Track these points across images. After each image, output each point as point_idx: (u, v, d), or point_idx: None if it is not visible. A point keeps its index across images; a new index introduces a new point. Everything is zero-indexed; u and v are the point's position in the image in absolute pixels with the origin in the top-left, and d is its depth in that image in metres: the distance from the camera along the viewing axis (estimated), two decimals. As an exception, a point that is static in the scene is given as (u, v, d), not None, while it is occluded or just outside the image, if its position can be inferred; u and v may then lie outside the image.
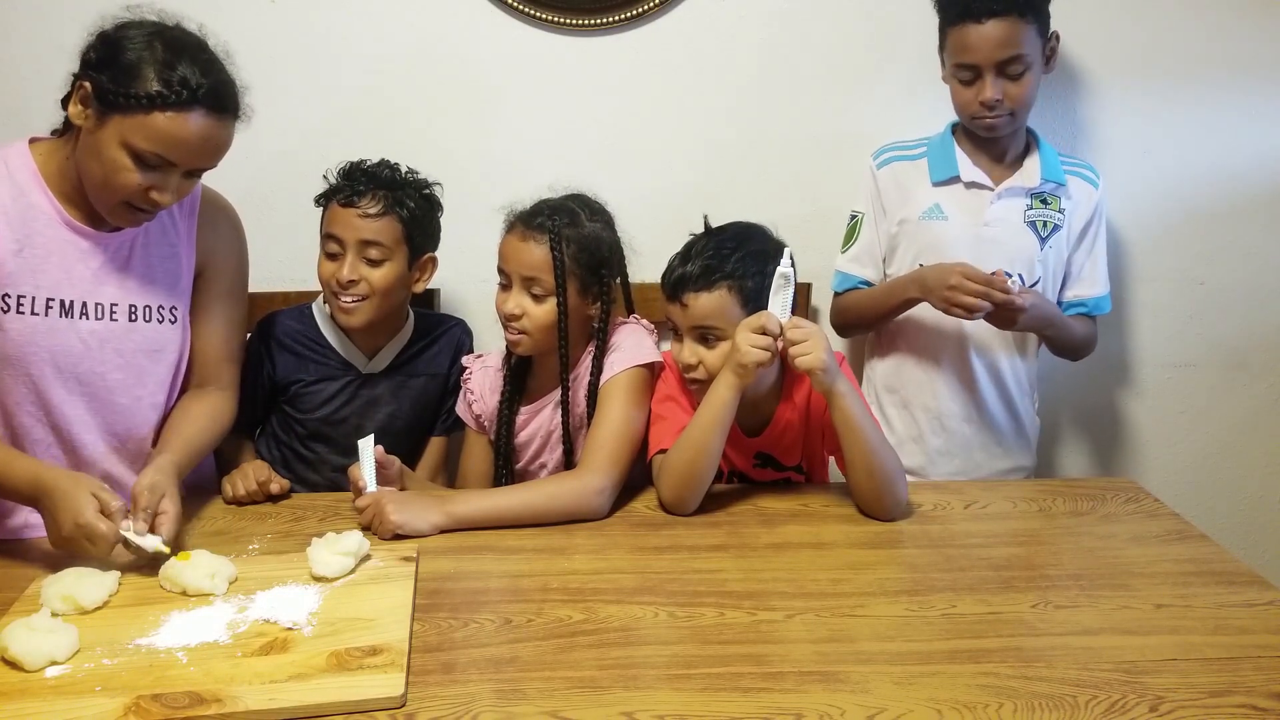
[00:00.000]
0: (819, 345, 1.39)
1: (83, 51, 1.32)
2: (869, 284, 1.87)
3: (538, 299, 1.54)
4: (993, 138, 1.77)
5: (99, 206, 1.35)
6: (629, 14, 1.96)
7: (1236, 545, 1.49)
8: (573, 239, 1.53)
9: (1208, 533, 1.43)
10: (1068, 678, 1.05)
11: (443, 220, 1.73)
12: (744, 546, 1.37)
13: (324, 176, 1.65)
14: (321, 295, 1.70)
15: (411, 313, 1.77)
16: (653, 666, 1.07)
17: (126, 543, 1.22)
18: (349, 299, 1.61)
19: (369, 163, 1.65)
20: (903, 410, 1.87)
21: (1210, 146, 2.06)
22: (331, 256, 1.62)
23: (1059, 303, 1.85)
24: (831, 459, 1.59)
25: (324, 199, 1.65)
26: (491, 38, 1.97)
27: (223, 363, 1.55)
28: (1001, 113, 1.70)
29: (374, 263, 1.61)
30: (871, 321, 1.88)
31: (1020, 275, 1.77)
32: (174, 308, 1.47)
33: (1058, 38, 1.75)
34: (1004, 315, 1.65)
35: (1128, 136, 2.04)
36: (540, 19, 1.96)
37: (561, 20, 1.96)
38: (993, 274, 1.62)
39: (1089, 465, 2.21)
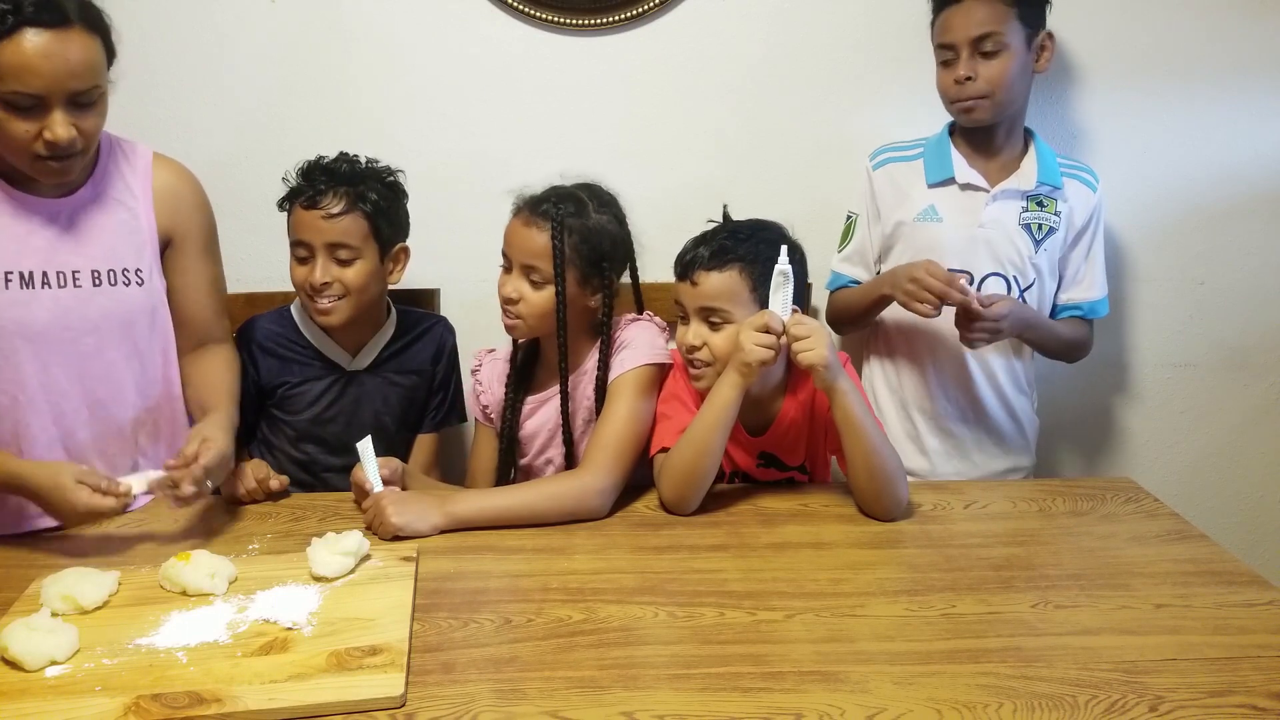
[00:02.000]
0: (821, 342, 1.39)
1: None
2: (859, 284, 1.88)
3: (536, 285, 1.54)
4: (975, 127, 1.76)
5: (23, 170, 1.33)
6: (629, 14, 1.96)
7: (1236, 545, 1.49)
8: (575, 229, 1.52)
9: (1208, 533, 1.43)
10: (1067, 678, 1.05)
11: (442, 222, 1.73)
12: (744, 546, 1.37)
13: (283, 179, 1.63)
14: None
15: (394, 310, 1.77)
16: (653, 666, 1.07)
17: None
18: (325, 301, 1.60)
19: (327, 159, 1.63)
20: (901, 411, 1.88)
21: (1210, 146, 2.06)
22: (302, 261, 1.61)
23: (1055, 305, 1.85)
24: (834, 459, 1.59)
25: (286, 202, 1.63)
26: (492, 38, 1.97)
27: (214, 319, 1.58)
28: (974, 93, 1.69)
29: (344, 263, 1.59)
30: (855, 318, 1.89)
31: (1015, 278, 1.77)
32: (138, 270, 1.46)
33: (1051, 38, 1.74)
34: (973, 326, 1.63)
35: (1127, 136, 2.04)
36: (541, 19, 1.96)
37: (562, 20, 1.96)
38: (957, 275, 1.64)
39: (1089, 465, 2.21)
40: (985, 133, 1.77)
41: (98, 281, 1.41)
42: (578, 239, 1.53)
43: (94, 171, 1.43)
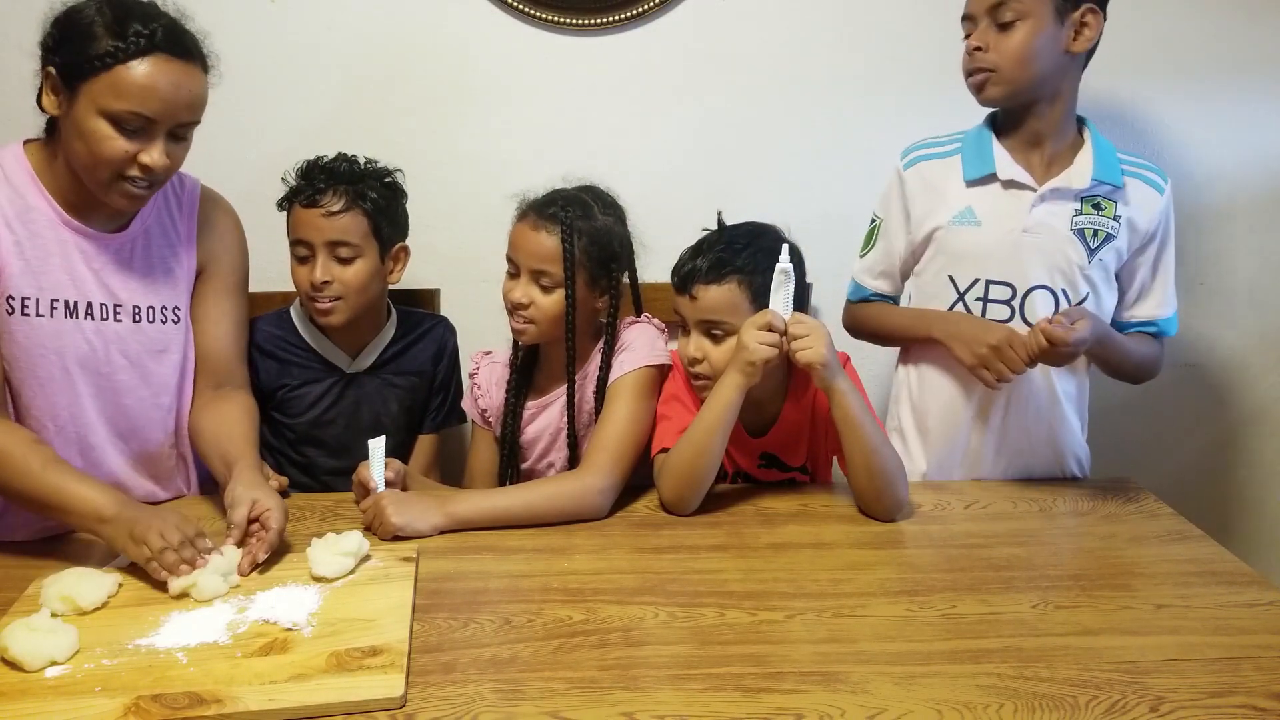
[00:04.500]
0: (820, 340, 1.39)
1: (41, 42, 1.32)
2: (884, 296, 1.74)
3: (546, 290, 1.53)
4: (1010, 114, 1.58)
5: (95, 190, 1.33)
6: (629, 14, 1.96)
7: (1236, 545, 1.49)
8: (584, 231, 1.52)
9: (1208, 533, 1.43)
10: (1068, 678, 1.05)
11: (442, 222, 1.73)
12: (744, 547, 1.37)
13: (282, 179, 1.63)
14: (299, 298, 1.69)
15: (395, 311, 1.76)
16: (653, 667, 1.07)
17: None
18: (325, 301, 1.60)
19: (326, 159, 1.63)
20: (929, 449, 1.70)
21: (1210, 146, 2.06)
22: (302, 260, 1.61)
23: (1119, 322, 1.64)
24: (835, 459, 1.59)
25: (286, 202, 1.63)
26: (492, 38, 1.97)
27: (235, 361, 1.54)
28: (983, 65, 1.52)
29: (345, 261, 1.59)
30: (883, 341, 1.78)
31: (1064, 290, 1.57)
32: (176, 308, 1.47)
33: (1096, 14, 1.51)
34: (1052, 353, 1.46)
35: (1127, 137, 2.04)
36: (540, 19, 1.96)
37: (561, 20, 1.96)
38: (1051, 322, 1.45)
39: (1089, 465, 2.21)
40: (1026, 121, 1.57)
41: (138, 318, 1.42)
42: (586, 241, 1.53)
43: (145, 207, 1.43)
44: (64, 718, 0.96)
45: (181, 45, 1.31)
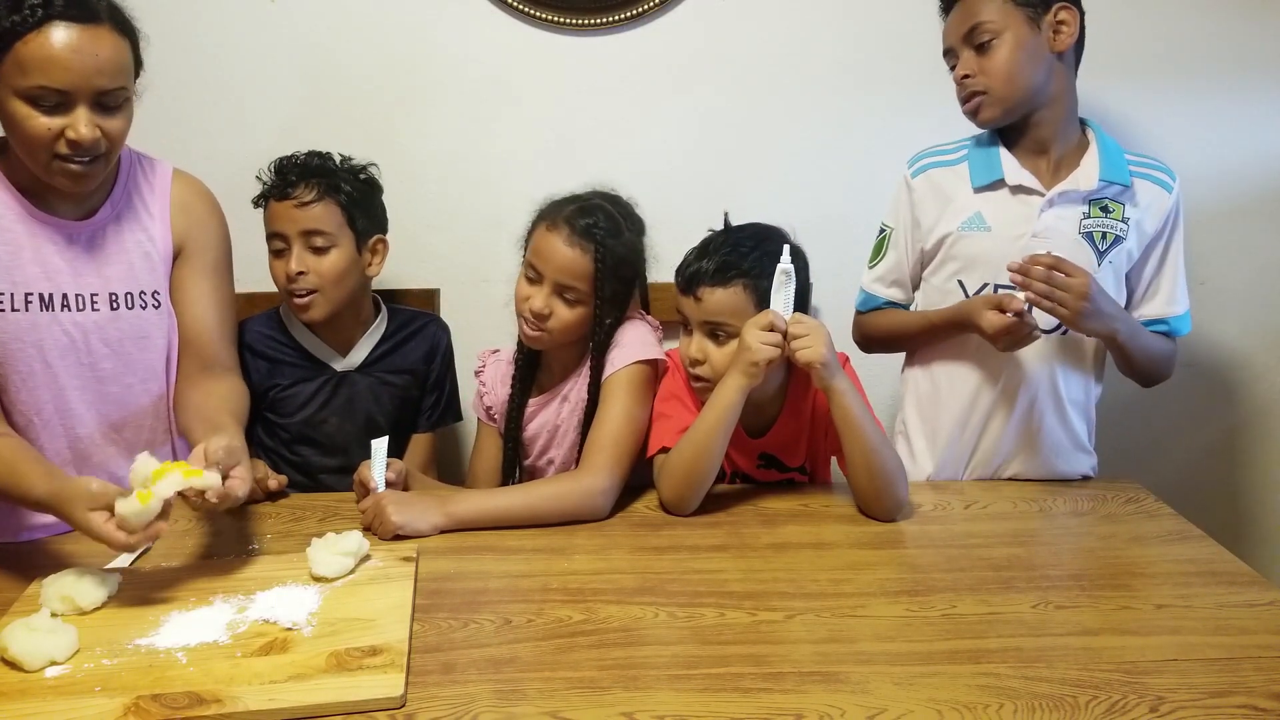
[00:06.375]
0: (820, 340, 1.39)
1: None
2: (896, 304, 1.73)
3: (569, 304, 1.52)
4: (1009, 127, 1.59)
5: (40, 174, 1.31)
6: (629, 14, 1.96)
7: (1237, 545, 1.49)
8: (616, 250, 1.52)
9: (1208, 533, 1.43)
10: (1068, 678, 1.05)
11: (442, 221, 1.72)
12: (744, 547, 1.37)
13: (257, 177, 1.63)
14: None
15: (385, 308, 1.76)
16: (653, 667, 1.07)
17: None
18: (302, 293, 1.60)
19: (300, 155, 1.63)
20: (936, 453, 1.70)
21: (1211, 146, 2.06)
22: (278, 254, 1.61)
23: None
24: (835, 459, 1.59)
25: (261, 199, 1.63)
26: (492, 38, 1.97)
27: (221, 343, 1.51)
28: (974, 90, 1.54)
29: (319, 250, 1.59)
30: (903, 344, 1.76)
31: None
32: (155, 293, 1.45)
33: (1070, 9, 1.52)
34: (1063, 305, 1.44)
35: (1126, 136, 2.04)
36: (540, 19, 1.96)
37: (561, 20, 1.96)
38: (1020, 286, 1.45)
39: (1096, 471, 2.21)
40: (1029, 129, 1.58)
41: (115, 305, 1.41)
42: (616, 262, 1.52)
43: (113, 192, 1.42)
44: (64, 718, 0.96)
45: (84, 8, 1.25)
